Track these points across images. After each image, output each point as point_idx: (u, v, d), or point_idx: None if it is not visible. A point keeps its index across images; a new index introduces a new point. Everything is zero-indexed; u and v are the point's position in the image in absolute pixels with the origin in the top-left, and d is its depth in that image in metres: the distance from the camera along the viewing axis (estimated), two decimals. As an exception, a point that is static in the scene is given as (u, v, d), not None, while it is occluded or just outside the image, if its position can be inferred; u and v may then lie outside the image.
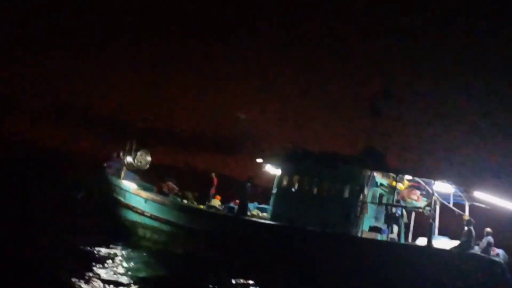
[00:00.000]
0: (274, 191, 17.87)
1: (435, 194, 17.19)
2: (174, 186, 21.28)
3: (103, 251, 16.56)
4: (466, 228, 14.77)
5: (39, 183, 27.29)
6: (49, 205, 22.50)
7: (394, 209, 16.04)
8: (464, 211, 17.13)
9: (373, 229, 15.80)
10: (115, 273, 13.63)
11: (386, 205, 16.34)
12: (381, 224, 16.34)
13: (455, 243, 15.73)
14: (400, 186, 16.85)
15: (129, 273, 14.00)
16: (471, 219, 15.26)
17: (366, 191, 15.86)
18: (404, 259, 14.20)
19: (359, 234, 15.71)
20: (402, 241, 17.94)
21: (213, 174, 21.27)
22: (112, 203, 20.51)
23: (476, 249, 15.20)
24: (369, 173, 15.98)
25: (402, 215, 16.87)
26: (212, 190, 21.27)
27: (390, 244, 15.31)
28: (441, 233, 17.59)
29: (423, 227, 17.12)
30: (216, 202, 20.61)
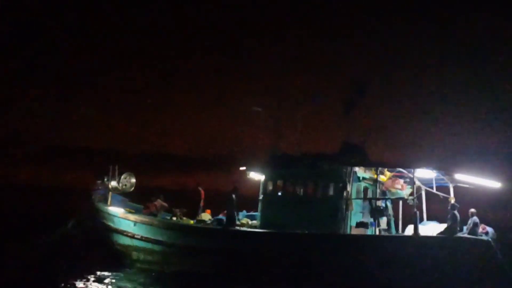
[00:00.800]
0: (261, 197, 17.86)
1: (417, 181, 17.38)
2: (163, 203, 21.31)
3: (100, 276, 16.94)
4: (450, 212, 14.88)
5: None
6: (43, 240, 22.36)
7: (378, 202, 16.10)
8: (449, 193, 17.26)
9: (359, 224, 15.88)
10: None
11: (370, 199, 16.40)
12: (367, 219, 16.39)
13: (444, 226, 15.91)
14: (382, 178, 16.96)
15: None
16: (455, 203, 15.40)
17: (349, 188, 15.92)
18: (392, 251, 14.26)
19: (348, 231, 15.78)
20: (393, 231, 18.07)
21: (200, 188, 21.32)
22: (102, 230, 20.58)
23: (464, 231, 15.36)
24: (349, 169, 16.04)
25: (387, 206, 16.97)
26: (202, 203, 21.33)
27: (376, 238, 15.38)
28: (429, 218, 17.73)
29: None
30: (206, 216, 20.62)
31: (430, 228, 16.17)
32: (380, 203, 16.22)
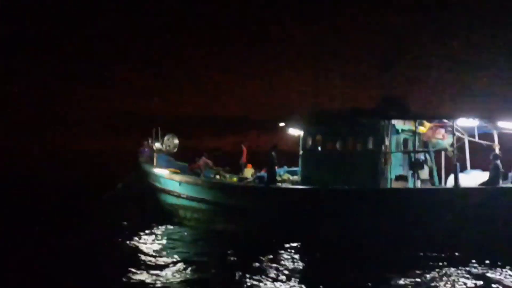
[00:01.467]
0: (300, 153, 18.00)
1: (460, 130, 17.03)
2: (207, 160, 21.90)
3: (152, 232, 17.95)
4: (492, 162, 14.59)
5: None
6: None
7: (418, 154, 15.93)
8: (493, 141, 16.88)
9: (399, 178, 15.79)
10: (162, 250, 14.74)
11: (409, 152, 16.23)
12: (407, 172, 16.30)
13: (487, 175, 15.66)
14: (421, 129, 16.70)
15: (175, 250, 14.98)
16: (497, 153, 15.07)
17: (387, 141, 15.81)
18: (431, 204, 14.19)
19: (388, 185, 15.77)
20: (436, 182, 17.92)
21: (243, 145, 21.69)
22: (151, 190, 21.49)
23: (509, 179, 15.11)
24: (386, 122, 15.87)
25: (426, 159, 16.78)
26: (243, 160, 21.74)
27: (415, 190, 15.27)
28: (474, 167, 17.42)
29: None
30: (248, 171, 21.09)
31: (473, 177, 15.93)
32: (419, 156, 16.02)
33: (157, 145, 21.16)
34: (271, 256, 13.92)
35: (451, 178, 16.35)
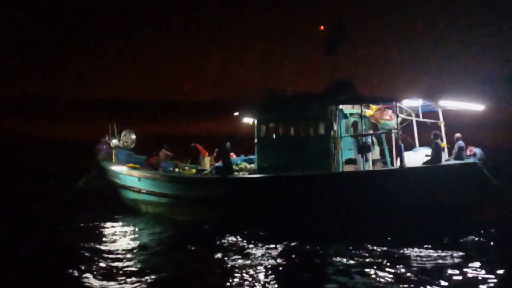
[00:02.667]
0: (255, 141, 18.26)
1: (407, 110, 17.60)
2: (168, 152, 22.07)
3: (113, 225, 18.03)
4: (433, 142, 15.19)
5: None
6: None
7: (364, 138, 16.40)
8: (438, 118, 17.50)
9: (348, 161, 16.27)
10: (122, 246, 14.71)
11: (357, 135, 16.66)
12: (356, 155, 16.75)
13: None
14: (368, 112, 17.17)
15: (137, 242, 15.16)
16: (437, 132, 15.68)
17: (335, 126, 16.23)
18: (379, 185, 14.71)
19: (340, 169, 16.20)
20: (388, 161, 18.48)
21: (194, 144, 21.82)
22: (111, 186, 21.59)
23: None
24: (334, 107, 16.26)
25: (373, 141, 17.29)
26: (206, 154, 21.89)
27: (362, 173, 15.75)
28: (423, 144, 17.99)
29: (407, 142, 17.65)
30: (207, 161, 21.39)
31: (422, 154, 16.52)
32: (366, 139, 16.49)
33: (114, 141, 21.24)
34: (231, 245, 14.36)
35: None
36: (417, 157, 16.50)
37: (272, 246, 13.94)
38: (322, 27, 17.25)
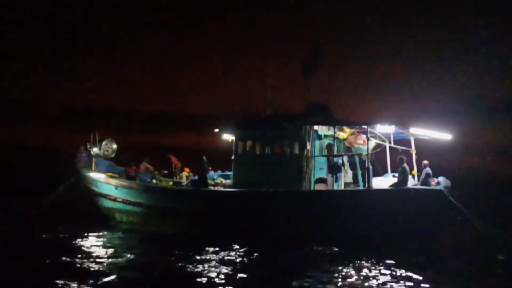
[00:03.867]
0: (233, 157, 18.71)
1: (381, 136, 18.18)
2: (148, 165, 22.36)
3: (87, 237, 17.85)
4: (400, 166, 15.73)
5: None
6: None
7: (335, 159, 16.92)
8: (411, 146, 18.06)
9: (318, 180, 16.77)
10: (95, 257, 14.49)
11: (328, 156, 17.18)
12: (323, 175, 17.24)
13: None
14: (341, 135, 17.72)
15: (108, 255, 14.91)
16: (403, 157, 16.24)
17: (308, 146, 16.75)
18: (345, 205, 15.19)
19: (311, 187, 16.67)
20: (361, 185, 18.97)
21: (169, 155, 22.20)
22: (89, 193, 21.78)
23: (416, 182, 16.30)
24: (308, 128, 16.81)
25: (344, 163, 17.82)
26: (178, 164, 22.30)
27: (330, 192, 16.25)
28: (395, 170, 18.52)
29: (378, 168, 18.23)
30: (184, 174, 21.73)
31: (389, 180, 17.05)
32: (337, 160, 17.00)
33: (95, 150, 21.46)
34: (201, 256, 14.54)
35: (374, 180, 17.51)
36: (387, 182, 17.01)
37: (240, 258, 14.25)
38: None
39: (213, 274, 12.31)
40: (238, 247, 15.42)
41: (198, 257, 14.31)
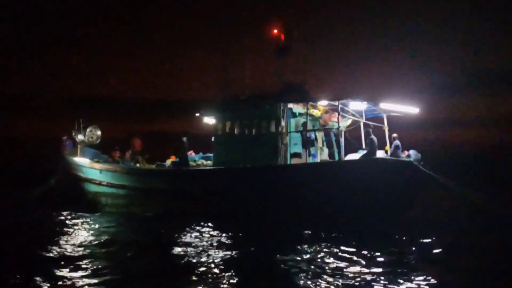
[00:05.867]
0: (213, 139, 19.33)
1: (355, 114, 18.87)
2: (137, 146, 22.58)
3: (73, 220, 18.62)
4: (368, 138, 16.42)
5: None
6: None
7: (308, 134, 17.58)
8: (383, 123, 18.71)
9: (293, 155, 17.45)
10: (82, 238, 15.18)
11: (301, 131, 17.85)
12: (299, 150, 17.89)
13: (380, 152, 17.52)
14: (315, 112, 18.38)
15: (95, 237, 15.50)
16: (369, 130, 16.94)
17: (283, 123, 17.40)
18: (316, 176, 15.85)
19: (287, 162, 17.32)
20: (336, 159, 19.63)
21: (135, 138, 22.41)
22: (74, 180, 22.28)
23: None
24: (282, 106, 17.46)
25: (317, 138, 18.48)
26: (138, 149, 22.35)
27: (303, 165, 16.89)
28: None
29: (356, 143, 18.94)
30: (170, 161, 22.27)
31: (358, 155, 17.75)
32: (310, 135, 17.64)
33: (80, 137, 21.95)
34: (186, 234, 15.25)
35: (348, 156, 18.21)
36: (357, 156, 17.70)
37: (223, 233, 15.04)
38: (275, 31, 18.53)
39: (192, 255, 12.76)
40: (213, 226, 16.15)
41: (178, 237, 14.95)
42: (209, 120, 20.92)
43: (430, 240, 14.09)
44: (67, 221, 18.56)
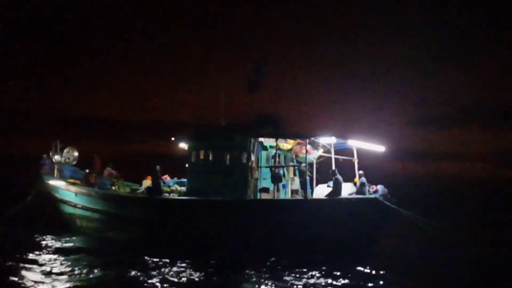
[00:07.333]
0: (186, 166, 19.66)
1: (326, 146, 19.29)
2: (112, 171, 23.17)
3: (48, 242, 19.00)
4: (332, 177, 16.85)
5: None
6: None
7: (277, 170, 17.97)
8: (353, 155, 19.14)
9: (261, 190, 17.86)
10: (53, 264, 15.50)
11: (270, 167, 18.24)
12: (268, 184, 18.28)
13: (349, 184, 17.99)
14: (285, 146, 18.80)
15: (67, 262, 15.85)
16: (335, 170, 17.40)
17: (253, 157, 17.78)
18: (282, 214, 16.28)
19: (257, 197, 17.73)
20: (309, 192, 20.04)
21: (95, 156, 22.84)
22: (51, 200, 22.56)
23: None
24: (253, 139, 17.84)
25: (284, 173, 18.89)
26: (97, 168, 22.74)
27: (270, 201, 17.36)
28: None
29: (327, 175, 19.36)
30: (147, 182, 22.56)
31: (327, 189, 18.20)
32: (278, 170, 18.03)
33: (57, 157, 22.25)
34: (154, 263, 15.56)
35: (318, 188, 18.67)
36: (328, 190, 18.13)
37: (191, 264, 15.38)
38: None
39: (157, 283, 13.22)
40: (187, 257, 16.34)
41: (143, 266, 15.28)
42: (185, 146, 21.23)
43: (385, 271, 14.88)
44: (41, 241, 19.09)
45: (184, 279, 13.76)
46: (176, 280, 13.59)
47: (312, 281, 13.69)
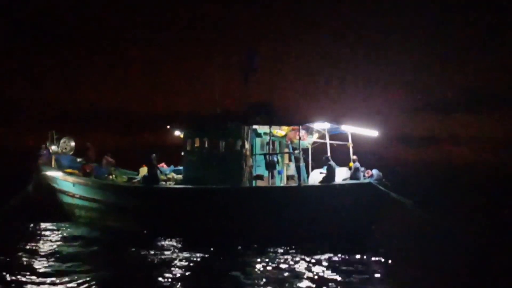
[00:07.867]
0: (182, 154, 19.77)
1: (320, 131, 19.37)
2: (110, 159, 23.31)
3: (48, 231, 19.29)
4: (326, 164, 16.96)
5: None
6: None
7: (271, 156, 18.06)
8: (348, 140, 19.20)
9: (255, 177, 17.96)
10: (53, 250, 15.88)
11: (264, 154, 18.32)
12: (263, 171, 18.40)
13: (344, 169, 18.11)
14: (279, 132, 18.87)
15: (66, 249, 16.22)
16: (328, 156, 17.49)
17: (247, 145, 17.87)
18: (277, 201, 16.44)
19: (252, 184, 17.86)
20: (304, 177, 20.14)
21: (88, 144, 23.01)
22: (50, 190, 22.74)
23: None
24: (246, 127, 17.90)
25: (278, 160, 18.99)
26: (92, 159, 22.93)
27: (265, 188, 17.52)
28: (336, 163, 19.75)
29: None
30: (144, 170, 22.71)
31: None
32: (272, 157, 18.12)
33: (54, 148, 22.40)
34: (152, 252, 15.63)
35: (314, 173, 18.79)
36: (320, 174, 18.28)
37: (188, 252, 15.47)
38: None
39: (155, 273, 13.19)
40: (184, 244, 16.66)
41: (142, 254, 15.42)
42: (180, 134, 21.30)
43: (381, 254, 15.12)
44: (41, 231, 19.36)
45: (182, 267, 13.88)
46: (173, 268, 13.73)
47: (305, 265, 13.81)
